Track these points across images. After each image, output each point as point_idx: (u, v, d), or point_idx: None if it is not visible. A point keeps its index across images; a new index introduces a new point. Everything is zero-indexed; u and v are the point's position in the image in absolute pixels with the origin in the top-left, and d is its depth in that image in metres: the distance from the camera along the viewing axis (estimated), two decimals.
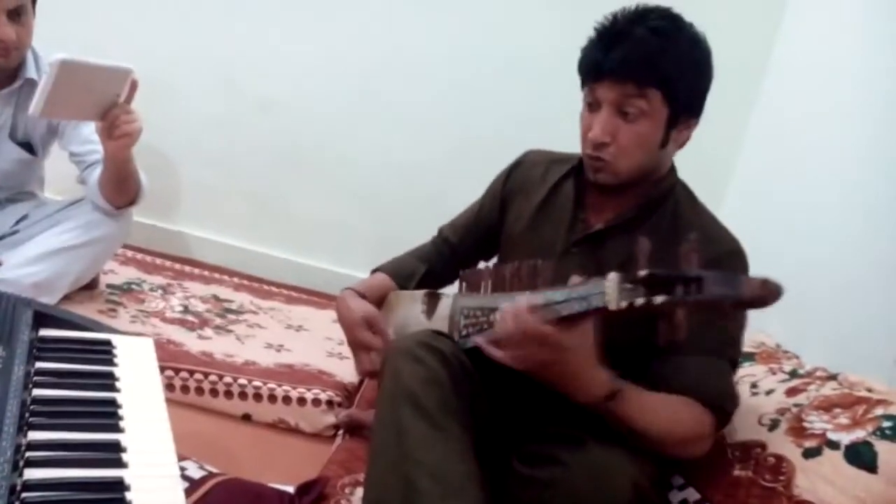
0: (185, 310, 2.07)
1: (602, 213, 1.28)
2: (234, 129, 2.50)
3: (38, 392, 0.90)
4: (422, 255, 1.55)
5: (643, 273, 0.92)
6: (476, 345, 1.15)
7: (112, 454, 0.84)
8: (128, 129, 1.61)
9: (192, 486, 1.26)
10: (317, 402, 1.70)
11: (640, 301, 0.91)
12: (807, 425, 1.19)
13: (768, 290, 0.85)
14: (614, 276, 0.96)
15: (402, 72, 2.41)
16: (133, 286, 2.13)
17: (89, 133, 1.79)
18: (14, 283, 1.67)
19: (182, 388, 1.67)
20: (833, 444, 1.13)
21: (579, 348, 1.03)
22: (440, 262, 1.52)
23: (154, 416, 0.95)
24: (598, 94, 1.20)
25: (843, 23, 1.89)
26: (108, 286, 2.05)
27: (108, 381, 0.98)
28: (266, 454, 1.58)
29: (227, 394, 1.68)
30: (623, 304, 0.93)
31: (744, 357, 1.45)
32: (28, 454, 0.79)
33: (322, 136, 2.49)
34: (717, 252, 1.18)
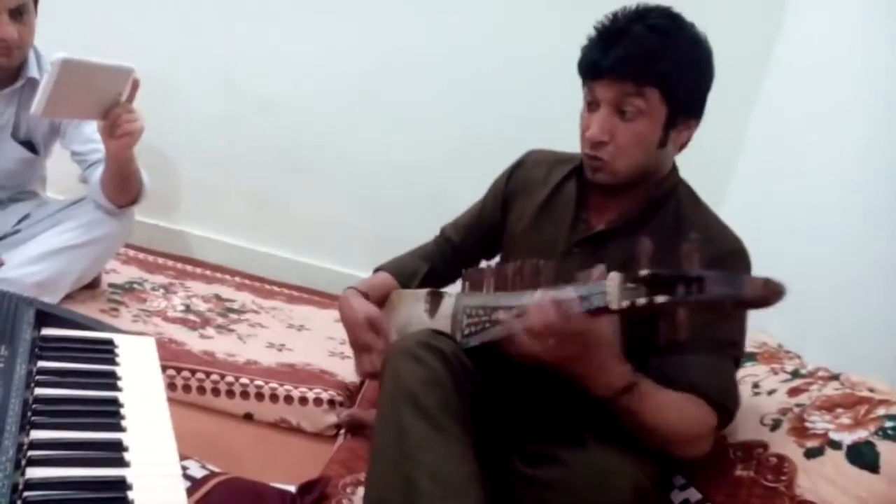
0: (187, 309, 2.07)
1: (604, 213, 1.28)
2: (236, 129, 2.50)
3: (39, 391, 0.90)
4: (424, 254, 1.55)
5: (645, 273, 0.92)
6: (491, 341, 1.14)
7: (114, 453, 0.84)
8: (129, 128, 1.61)
9: (193, 485, 1.26)
10: (318, 401, 1.70)
11: (642, 301, 0.91)
12: (809, 425, 1.19)
13: (770, 290, 0.84)
14: (615, 276, 0.95)
15: (402, 72, 2.41)
16: (135, 285, 2.13)
17: (91, 132, 1.79)
18: (16, 283, 1.67)
19: (184, 388, 1.67)
20: (835, 444, 1.13)
21: (606, 340, 1.03)
22: (442, 262, 1.53)
23: (156, 416, 0.95)
24: (597, 93, 1.19)
25: (844, 23, 1.89)
26: (110, 285, 2.06)
27: (109, 380, 0.98)
28: (267, 454, 1.58)
29: (229, 393, 1.69)
30: (624, 304, 0.93)
31: (745, 357, 1.45)
32: (30, 453, 0.79)
33: (323, 136, 2.49)
34: (720, 251, 1.18)
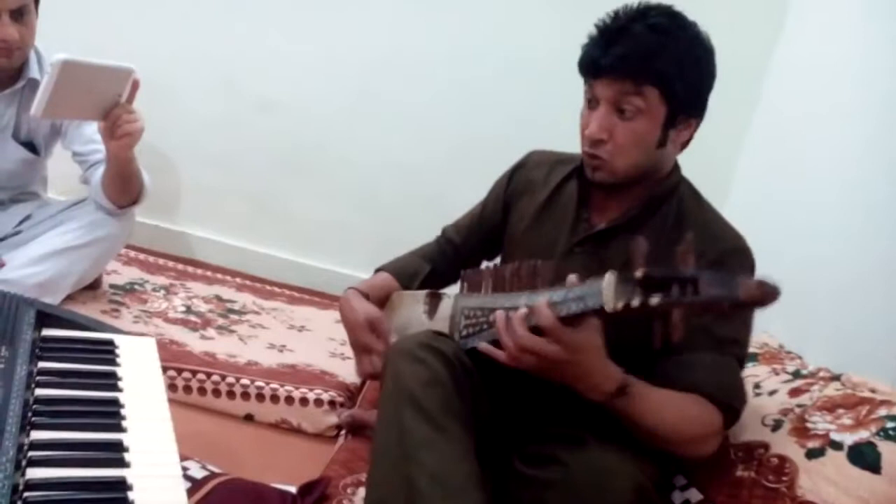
0: (188, 310, 2.07)
1: (605, 212, 1.28)
2: (236, 130, 2.50)
3: (40, 392, 0.91)
4: (425, 254, 1.55)
5: (639, 273, 0.91)
6: (482, 350, 1.14)
7: (114, 454, 0.84)
8: (129, 128, 1.61)
9: (194, 486, 1.26)
10: (319, 402, 1.69)
11: (636, 302, 0.91)
12: (810, 426, 1.19)
13: (765, 291, 0.84)
14: (611, 277, 0.95)
15: (402, 72, 2.41)
16: (136, 286, 2.13)
17: (92, 133, 1.79)
18: (17, 284, 1.67)
19: (184, 389, 1.67)
20: (836, 445, 1.12)
21: (589, 347, 1.03)
22: (444, 262, 1.53)
23: (156, 416, 0.95)
24: (597, 91, 1.19)
25: (845, 23, 1.89)
26: (111, 286, 2.06)
27: (110, 380, 0.98)
28: (268, 454, 1.57)
29: (230, 394, 1.68)
30: (619, 305, 0.93)
31: (747, 357, 1.45)
32: (31, 453, 0.79)
33: (323, 137, 2.49)
34: (723, 249, 1.18)
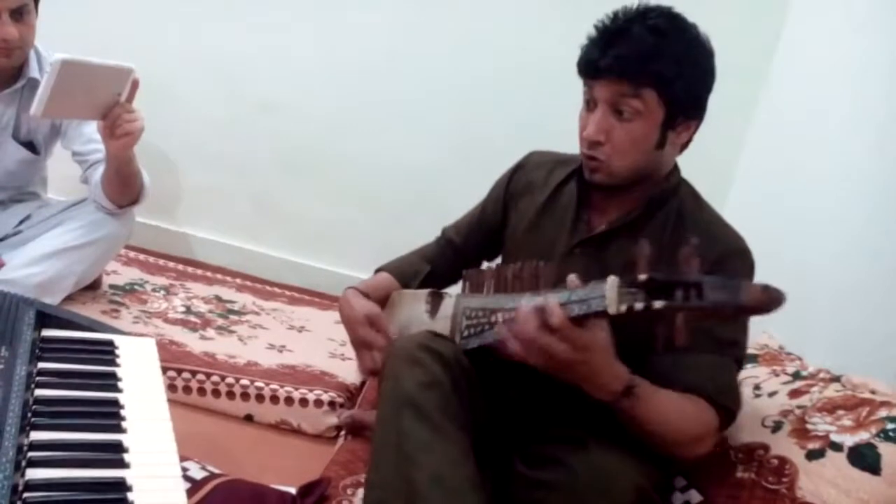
0: (188, 310, 2.07)
1: (605, 214, 1.28)
2: (237, 131, 2.50)
3: (40, 392, 0.91)
4: (426, 255, 1.54)
5: (643, 277, 0.91)
6: (486, 343, 1.14)
7: (114, 454, 0.84)
8: (129, 127, 1.61)
9: (193, 486, 1.26)
10: (319, 402, 1.69)
11: (640, 305, 0.90)
12: (810, 427, 1.19)
13: (769, 297, 0.83)
14: (614, 280, 0.95)
15: (403, 72, 2.40)
16: (136, 287, 2.13)
17: (91, 132, 1.79)
18: (17, 284, 1.67)
19: (184, 389, 1.67)
20: (836, 446, 1.12)
21: (598, 346, 1.02)
22: (444, 263, 1.52)
23: (156, 417, 0.95)
24: (595, 93, 1.19)
25: (845, 26, 1.89)
26: (111, 287, 2.06)
27: (110, 381, 0.98)
28: (268, 455, 1.57)
29: (230, 394, 1.68)
30: (622, 308, 0.92)
31: (747, 359, 1.45)
32: (30, 454, 0.79)
33: (324, 138, 2.48)
34: (723, 251, 1.18)
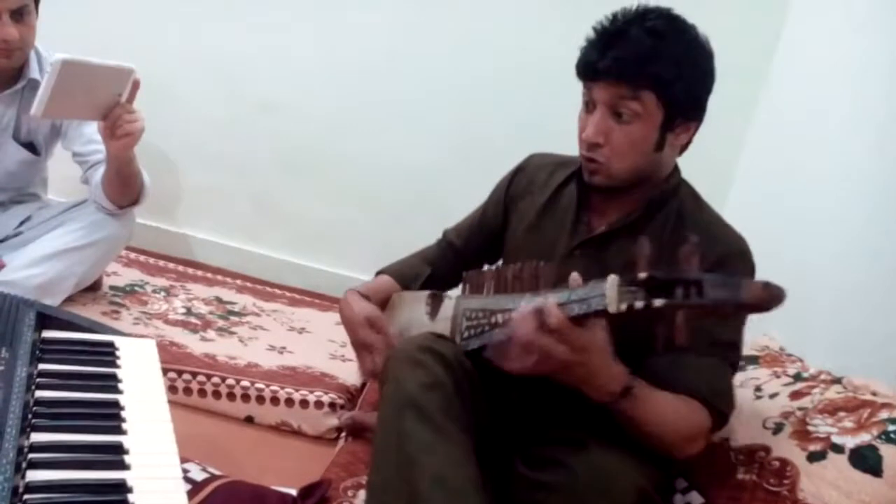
0: (188, 312, 2.07)
1: (605, 215, 1.28)
2: (237, 131, 2.50)
3: (40, 393, 0.90)
4: (426, 257, 1.54)
5: (643, 275, 0.91)
6: (484, 345, 1.14)
7: (114, 456, 0.84)
8: (130, 128, 1.61)
9: (194, 488, 1.26)
10: (319, 404, 1.69)
11: (640, 304, 0.90)
12: (811, 429, 1.19)
13: (770, 294, 0.83)
14: (614, 279, 0.95)
15: (404, 72, 2.40)
16: (136, 288, 2.13)
17: (92, 133, 1.79)
18: (18, 285, 1.67)
19: (185, 390, 1.67)
20: (838, 448, 1.12)
21: (596, 346, 1.02)
22: (444, 265, 1.52)
23: (157, 418, 0.95)
24: (594, 95, 1.19)
25: (845, 26, 1.89)
26: (111, 288, 2.06)
27: (110, 382, 0.98)
28: (268, 456, 1.57)
29: (230, 396, 1.68)
30: (623, 307, 0.93)
31: (748, 360, 1.45)
32: (30, 456, 0.79)
33: (323, 138, 2.48)
34: (723, 252, 1.18)
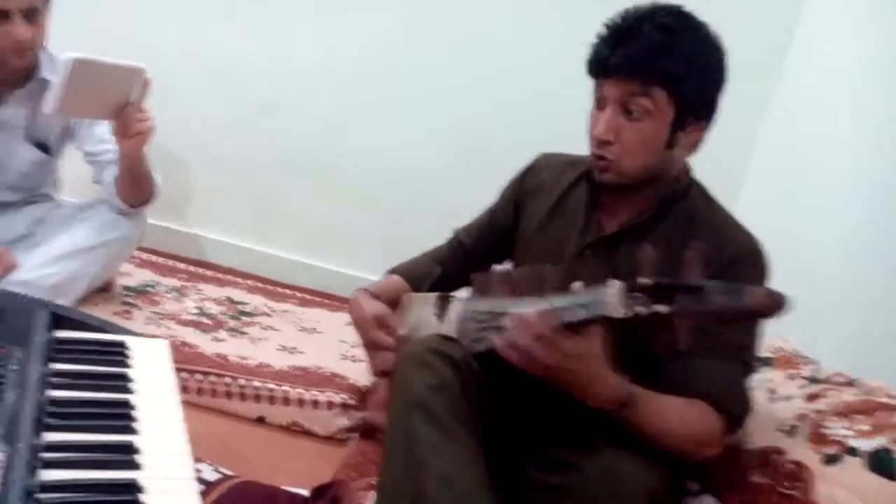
0: (200, 312, 2.07)
1: (615, 215, 1.27)
2: (237, 131, 2.50)
3: (53, 393, 0.91)
4: (437, 257, 1.54)
5: (646, 282, 0.91)
6: (489, 348, 1.14)
7: (126, 456, 0.84)
8: (141, 127, 1.62)
9: (206, 488, 1.26)
10: (330, 404, 1.69)
11: (642, 310, 0.90)
12: (826, 432, 1.18)
13: (772, 301, 0.83)
14: (616, 285, 0.95)
15: (407, 72, 2.40)
16: (148, 288, 2.13)
17: (103, 133, 1.80)
18: (31, 285, 1.67)
19: (196, 390, 1.67)
20: (853, 451, 1.11)
21: (588, 355, 1.02)
22: (455, 265, 1.51)
23: (169, 418, 0.95)
24: (604, 91, 1.18)
25: (858, 25, 1.87)
26: (124, 288, 2.07)
27: (122, 382, 0.98)
28: (280, 456, 1.57)
29: (242, 396, 1.69)
30: (625, 313, 0.92)
31: (762, 362, 1.44)
32: (43, 455, 0.79)
33: (324, 138, 2.48)
34: (734, 252, 1.17)
